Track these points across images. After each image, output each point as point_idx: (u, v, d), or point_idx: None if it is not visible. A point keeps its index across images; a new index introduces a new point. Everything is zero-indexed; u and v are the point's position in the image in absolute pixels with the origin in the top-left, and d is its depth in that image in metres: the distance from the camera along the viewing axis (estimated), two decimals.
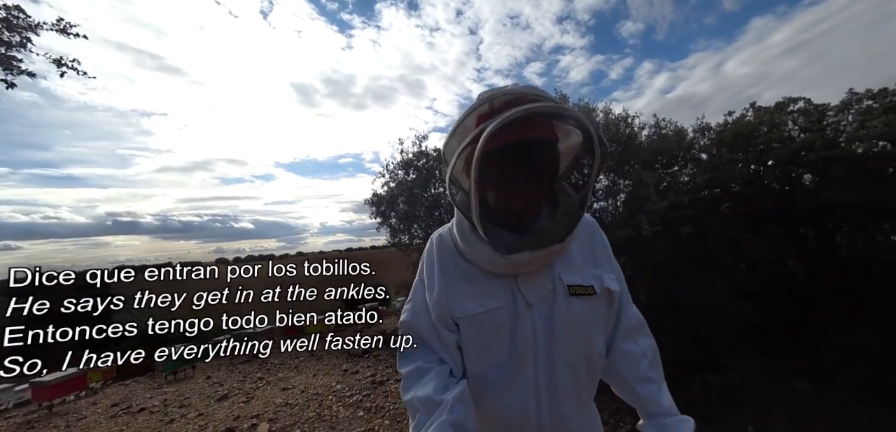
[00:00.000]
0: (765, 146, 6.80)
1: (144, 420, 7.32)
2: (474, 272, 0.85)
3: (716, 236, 6.29)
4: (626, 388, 0.91)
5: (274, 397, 6.89)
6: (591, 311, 0.83)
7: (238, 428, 5.42)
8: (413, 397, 0.78)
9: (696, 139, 6.15)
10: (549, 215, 0.86)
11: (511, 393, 0.80)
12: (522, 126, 0.73)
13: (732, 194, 6.59)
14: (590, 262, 0.88)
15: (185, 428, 6.23)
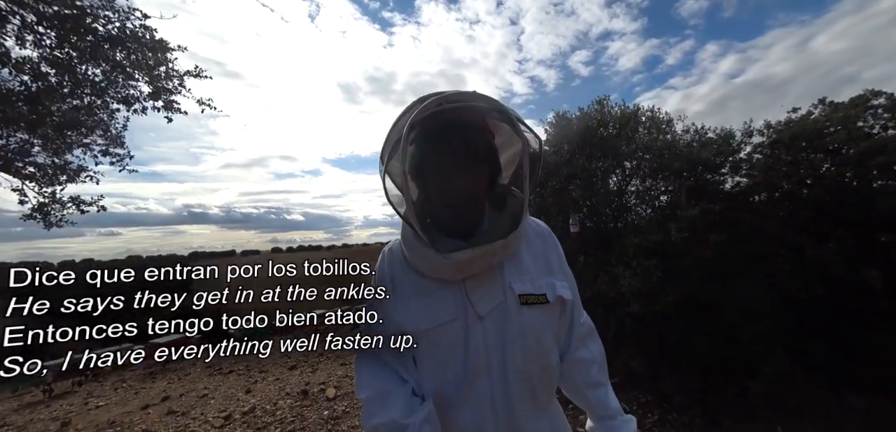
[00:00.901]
0: (837, 146, 6.30)
1: (234, 379, 8.84)
2: (425, 284, 0.82)
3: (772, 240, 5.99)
4: (577, 393, 0.93)
5: (335, 369, 7.96)
6: (543, 320, 0.82)
7: (310, 391, 6.48)
8: (377, 423, 0.74)
9: (744, 142, 5.90)
10: (495, 217, 0.85)
11: (466, 410, 0.77)
12: (451, 116, 0.74)
13: (791, 196, 6.21)
14: (543, 271, 0.87)
15: (268, 387, 7.50)
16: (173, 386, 9.19)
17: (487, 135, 0.82)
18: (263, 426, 5.48)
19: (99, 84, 3.73)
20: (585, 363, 0.91)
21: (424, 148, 0.78)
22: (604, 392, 0.91)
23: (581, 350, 0.92)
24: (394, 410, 0.74)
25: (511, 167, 0.88)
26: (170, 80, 3.99)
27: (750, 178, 6.11)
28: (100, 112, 3.99)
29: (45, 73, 3.35)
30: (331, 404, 5.91)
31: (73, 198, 4.38)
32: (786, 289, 5.56)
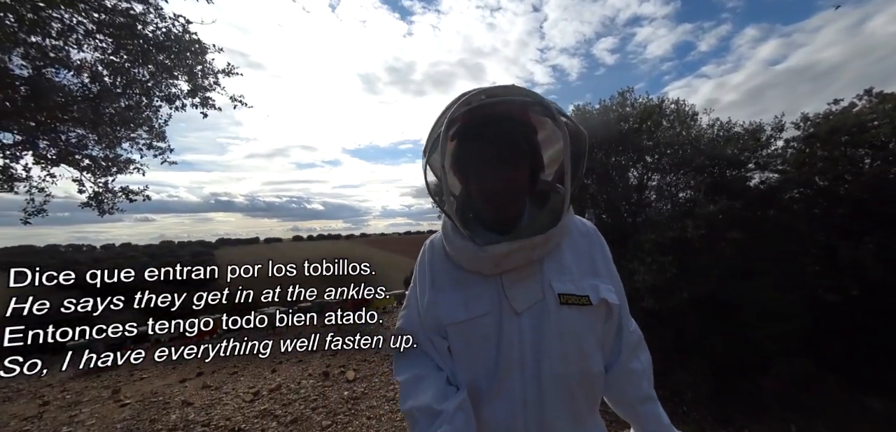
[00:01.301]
0: (883, 140, 5.94)
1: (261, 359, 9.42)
2: (463, 277, 0.82)
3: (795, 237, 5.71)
4: (627, 407, 0.88)
5: (354, 354, 8.35)
6: (585, 323, 0.78)
7: (331, 373, 6.86)
8: (412, 406, 0.75)
9: (774, 136, 5.63)
10: (535, 213, 0.83)
11: (496, 404, 0.76)
12: (492, 111, 0.73)
13: (826, 193, 5.91)
14: (587, 272, 0.83)
15: (292, 368, 7.96)
16: (206, 365, 9.89)
17: (529, 130, 0.81)
18: (289, 402, 5.89)
19: (146, 84, 4.10)
20: (637, 374, 0.87)
21: (464, 142, 0.78)
22: (656, 407, 0.87)
23: (632, 361, 0.87)
24: (427, 395, 0.75)
25: (555, 164, 0.86)
26: (206, 79, 4.33)
27: (781, 174, 5.85)
28: (146, 110, 4.39)
29: (101, 75, 3.75)
30: (350, 385, 6.25)
31: (123, 188, 4.86)
32: (812, 290, 5.32)
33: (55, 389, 8.44)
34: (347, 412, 5.44)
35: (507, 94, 0.73)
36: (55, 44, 3.49)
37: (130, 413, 6.10)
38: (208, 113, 4.54)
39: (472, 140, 0.77)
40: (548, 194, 0.86)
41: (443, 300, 0.82)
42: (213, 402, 6.36)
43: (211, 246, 71.25)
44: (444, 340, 0.82)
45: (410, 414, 0.77)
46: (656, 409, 0.87)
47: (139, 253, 38.33)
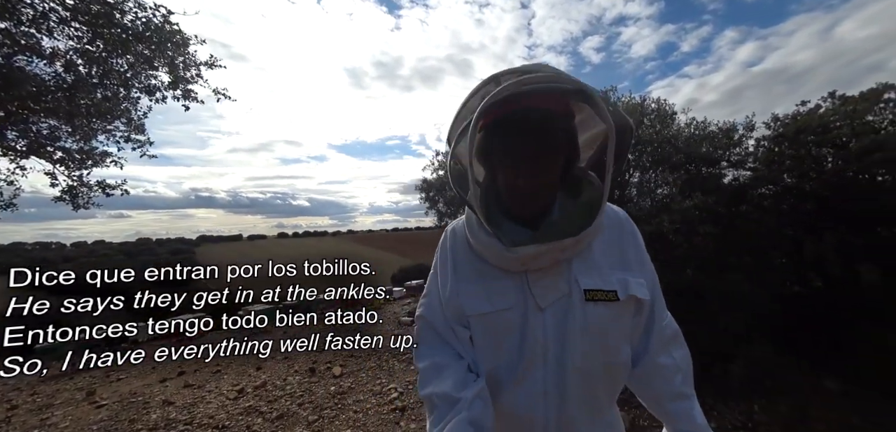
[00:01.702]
0: (843, 140, 6.31)
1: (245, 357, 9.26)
2: (486, 269, 0.81)
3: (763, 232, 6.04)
4: (656, 404, 0.85)
5: (340, 350, 8.33)
6: (612, 319, 0.76)
7: (317, 369, 6.83)
8: (431, 393, 0.75)
9: (746, 135, 5.92)
10: (566, 206, 0.79)
11: (518, 394, 0.77)
12: (526, 100, 0.67)
13: (793, 190, 6.26)
14: (616, 265, 0.80)
15: (277, 365, 7.87)
16: (188, 362, 9.65)
17: (567, 119, 0.75)
18: (274, 398, 5.84)
19: (124, 75, 3.95)
20: (668, 370, 0.83)
21: (495, 134, 0.72)
22: (689, 405, 0.81)
23: (662, 355, 0.83)
24: (447, 383, 0.75)
25: (590, 149, 0.80)
26: (188, 71, 4.21)
27: (752, 172, 6.15)
28: (125, 101, 4.23)
29: (76, 64, 3.60)
30: (337, 381, 6.25)
31: (100, 181, 4.68)
32: (780, 282, 5.62)
33: (24, 393, 8.07)
34: (334, 407, 5.45)
35: (544, 81, 0.67)
36: (27, 31, 3.36)
37: (107, 414, 5.91)
38: (190, 106, 4.43)
39: (504, 133, 0.72)
40: (580, 182, 0.80)
41: (466, 290, 0.81)
42: (196, 401, 6.24)
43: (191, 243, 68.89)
44: (465, 329, 0.81)
45: (429, 400, 0.76)
46: (689, 408, 0.81)
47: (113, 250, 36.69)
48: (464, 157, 0.77)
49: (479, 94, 0.71)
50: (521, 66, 0.70)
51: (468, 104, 0.75)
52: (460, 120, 0.75)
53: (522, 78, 0.66)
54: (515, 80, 0.66)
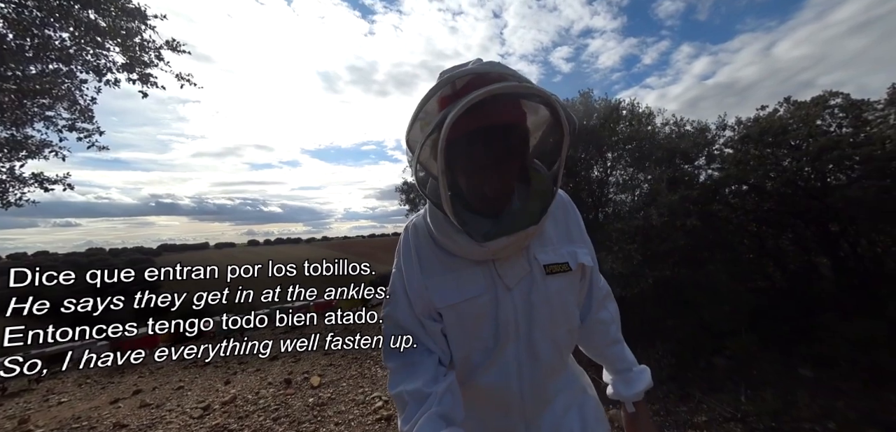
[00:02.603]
0: (798, 142, 6.77)
1: (212, 370, 8.55)
2: (451, 259, 0.83)
3: (738, 229, 6.44)
4: (596, 352, 1.01)
5: (319, 359, 7.86)
6: (567, 287, 0.86)
7: (294, 380, 6.38)
8: (402, 390, 0.77)
9: (718, 135, 6.27)
10: (522, 196, 0.85)
11: (493, 371, 0.82)
12: (488, 109, 0.69)
13: (759, 189, 6.66)
14: (564, 239, 0.90)
15: (248, 378, 7.31)
16: (145, 380, 8.76)
17: (522, 128, 0.79)
18: (245, 414, 5.36)
19: (67, 49, 3.39)
20: (605, 323, 0.98)
21: (458, 145, 0.72)
22: (621, 348, 0.99)
23: (601, 312, 0.98)
24: (418, 380, 0.76)
25: (534, 138, 0.85)
26: (146, 52, 3.70)
27: (722, 171, 6.49)
28: (67, 80, 3.64)
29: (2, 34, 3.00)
30: (316, 392, 5.85)
31: (36, 174, 3.99)
32: (749, 276, 5.99)
33: None
34: (313, 420, 5.07)
35: (508, 91, 0.67)
36: None
37: None
38: (148, 92, 3.91)
39: (468, 143, 0.73)
40: (528, 173, 0.87)
41: (434, 283, 0.83)
42: (154, 422, 5.61)
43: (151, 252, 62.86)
44: (435, 323, 0.83)
45: (400, 398, 0.77)
46: (622, 350, 0.99)
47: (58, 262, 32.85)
48: (428, 163, 0.80)
49: (437, 97, 0.73)
50: (476, 68, 0.69)
51: (426, 107, 0.75)
52: (423, 125, 0.76)
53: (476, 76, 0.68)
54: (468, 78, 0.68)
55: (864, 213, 5.17)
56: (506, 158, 0.76)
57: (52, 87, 3.42)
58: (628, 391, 0.97)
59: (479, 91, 0.64)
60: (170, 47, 3.80)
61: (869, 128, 5.76)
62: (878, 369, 3.57)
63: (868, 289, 5.50)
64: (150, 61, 3.71)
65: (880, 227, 5.75)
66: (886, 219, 4.97)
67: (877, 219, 5.39)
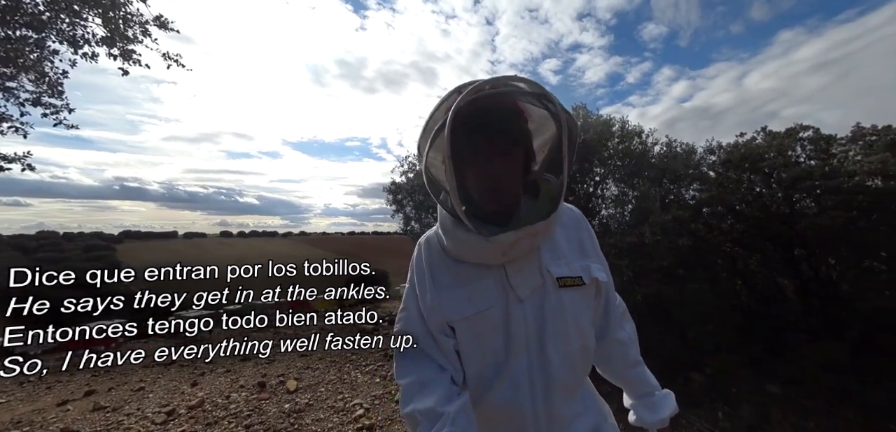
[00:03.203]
0: (771, 170, 7.16)
1: (177, 372, 8.01)
2: (464, 272, 0.84)
3: (714, 249, 6.75)
4: (616, 373, 0.98)
5: (295, 361, 7.53)
6: (580, 302, 0.85)
7: (268, 383, 6.05)
8: (414, 409, 0.76)
9: (705, 158, 6.56)
10: (531, 202, 0.87)
11: (506, 387, 0.81)
12: (490, 101, 0.75)
13: (735, 212, 7.00)
14: (577, 253, 0.89)
15: (217, 380, 6.89)
16: (99, 380, 8.09)
17: (522, 120, 0.82)
18: (215, 420, 5.00)
19: (39, 15, 3.02)
20: (624, 344, 0.95)
21: (461, 135, 0.76)
22: (642, 369, 0.96)
23: (619, 331, 0.96)
24: (431, 398, 0.76)
25: (543, 152, 0.88)
26: (131, 26, 3.38)
27: (706, 193, 6.77)
28: (36, 49, 3.24)
29: None
30: (292, 397, 5.56)
31: None
32: (724, 294, 6.26)
33: None
34: (289, 428, 4.81)
35: (503, 84, 0.74)
36: None
37: None
38: (129, 70, 3.58)
39: (469, 132, 0.76)
40: (537, 184, 0.88)
41: (447, 298, 0.83)
42: (110, 428, 5.14)
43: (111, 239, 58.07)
44: (448, 339, 0.83)
45: (412, 417, 0.77)
46: (644, 372, 0.95)
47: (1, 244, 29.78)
48: (436, 163, 0.82)
49: (444, 106, 0.76)
50: (484, 79, 0.75)
51: (435, 115, 0.78)
52: (429, 130, 0.78)
53: (485, 81, 0.73)
54: (477, 84, 0.72)
55: (828, 240, 5.55)
56: (508, 147, 0.78)
57: (17, 55, 3.03)
58: (652, 416, 0.94)
59: (482, 80, 0.72)
60: (158, 24, 3.50)
61: (834, 162, 6.22)
62: (843, 390, 3.81)
63: (827, 312, 5.89)
64: (135, 37, 3.40)
65: (840, 254, 6.19)
66: (849, 247, 5.35)
67: (838, 247, 5.79)
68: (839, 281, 6.49)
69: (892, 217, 4.93)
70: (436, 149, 0.78)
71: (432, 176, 0.86)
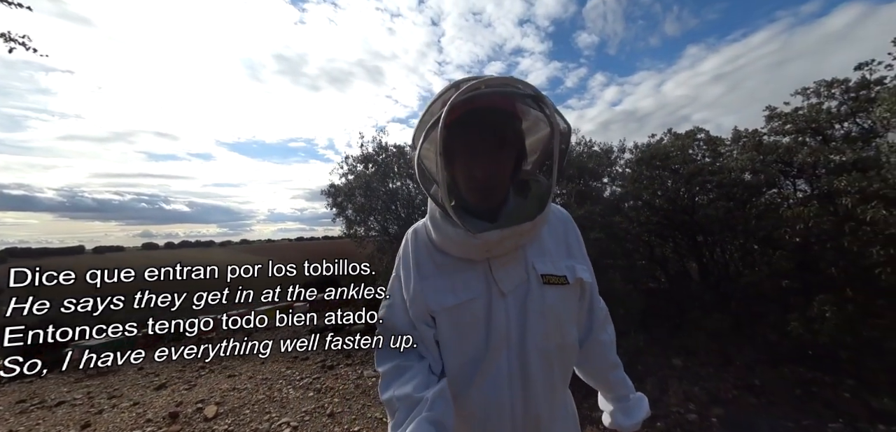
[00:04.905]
0: (677, 167, 8.09)
1: (65, 412, 6.78)
2: (449, 264, 0.85)
3: (635, 239, 7.53)
4: (596, 375, 1.01)
5: (219, 383, 6.80)
6: (563, 301, 0.86)
7: (182, 414, 5.36)
8: (392, 395, 0.77)
9: (619, 156, 7.24)
10: (520, 201, 0.87)
11: (485, 382, 0.81)
12: (485, 99, 0.75)
13: (648, 204, 7.80)
14: (563, 253, 0.91)
15: (118, 416, 5.95)
16: None
17: (516, 120, 0.82)
18: None
19: None
20: (606, 345, 1.00)
21: (455, 130, 0.76)
22: (621, 372, 1.01)
23: (602, 333, 1.00)
24: (409, 385, 0.76)
25: (535, 153, 0.89)
26: None
27: (622, 188, 7.44)
28: None
29: None
30: (209, 424, 4.98)
31: None
32: (642, 281, 7.01)
33: None
34: None
35: (501, 84, 0.75)
36: None
37: None
38: None
39: (461, 129, 0.77)
40: (527, 183, 0.89)
41: (430, 287, 0.85)
42: None
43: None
44: (429, 328, 0.85)
45: (390, 403, 0.77)
46: (622, 375, 1.02)
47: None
48: (429, 156, 0.81)
49: (441, 99, 0.76)
50: (482, 75, 0.75)
51: (431, 108, 0.79)
52: (424, 123, 0.78)
53: (483, 80, 0.73)
54: (479, 80, 0.73)
55: (717, 227, 6.47)
56: (499, 146, 0.79)
57: None
58: (629, 421, 0.99)
59: (478, 80, 0.72)
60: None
61: (722, 160, 7.26)
62: (724, 355, 4.47)
63: (720, 289, 6.86)
64: None
65: (727, 238, 7.23)
66: (729, 231, 6.31)
67: (725, 231, 6.75)
68: (729, 262, 7.58)
69: (759, 206, 5.93)
70: (430, 141, 0.78)
71: (425, 167, 0.85)
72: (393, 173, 7.79)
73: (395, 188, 7.88)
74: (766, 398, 4.00)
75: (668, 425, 3.77)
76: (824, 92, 6.59)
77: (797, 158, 5.92)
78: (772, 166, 6.31)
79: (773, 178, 6.40)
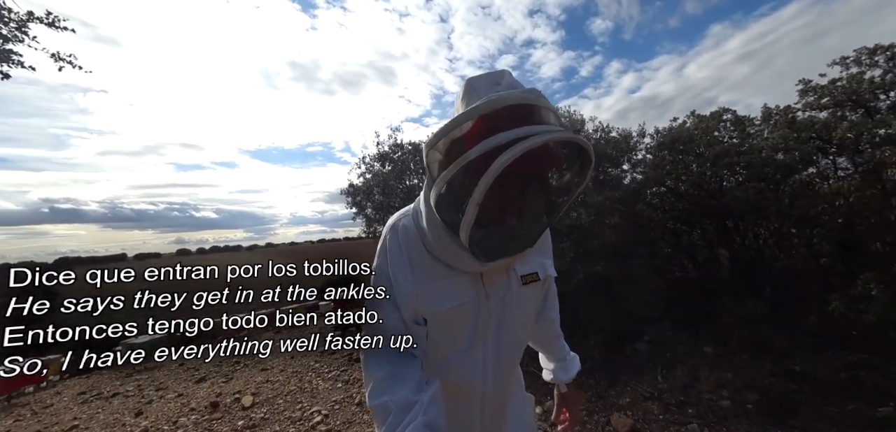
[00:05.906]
0: (701, 150, 7.77)
1: (120, 402, 7.37)
2: (443, 268, 0.85)
3: (659, 227, 7.29)
4: (544, 344, 1.20)
5: (254, 376, 7.18)
6: (534, 295, 0.96)
7: (222, 403, 5.73)
8: (387, 400, 0.77)
9: (639, 142, 7.02)
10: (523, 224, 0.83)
11: (464, 368, 0.88)
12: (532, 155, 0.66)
13: (673, 191, 7.54)
14: (536, 250, 0.94)
15: (166, 406, 6.42)
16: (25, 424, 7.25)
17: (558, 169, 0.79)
18: None
19: None
20: (554, 321, 1.17)
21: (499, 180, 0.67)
22: (563, 340, 1.21)
23: (552, 311, 1.16)
24: (404, 388, 0.78)
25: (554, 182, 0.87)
26: (4, 23, 2.98)
27: (643, 175, 7.23)
28: None
29: None
30: (247, 413, 5.31)
31: None
32: (667, 268, 6.79)
33: None
34: None
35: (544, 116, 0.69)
36: None
37: None
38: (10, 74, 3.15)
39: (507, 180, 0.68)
40: None
41: (427, 290, 0.86)
42: None
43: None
44: (421, 327, 0.87)
45: (384, 407, 0.77)
46: (563, 343, 1.20)
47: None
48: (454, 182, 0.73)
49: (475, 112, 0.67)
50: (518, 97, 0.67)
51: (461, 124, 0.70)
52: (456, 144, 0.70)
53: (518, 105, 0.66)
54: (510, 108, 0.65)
55: (747, 210, 6.16)
56: (532, 204, 0.78)
57: None
58: (566, 376, 1.19)
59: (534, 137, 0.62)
60: (42, 20, 3.11)
61: (751, 140, 6.90)
62: (760, 342, 4.29)
63: (753, 275, 6.54)
64: (11, 34, 2.99)
65: (759, 222, 6.88)
66: (762, 215, 5.99)
67: (756, 215, 6.43)
68: (763, 247, 7.21)
69: (794, 185, 5.60)
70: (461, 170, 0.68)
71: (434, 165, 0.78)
72: (409, 170, 7.92)
73: (413, 186, 8.01)
74: (806, 383, 3.81)
75: (699, 411, 3.67)
76: (866, 60, 6.11)
77: (836, 134, 5.55)
78: (808, 144, 5.95)
79: (809, 156, 6.03)
